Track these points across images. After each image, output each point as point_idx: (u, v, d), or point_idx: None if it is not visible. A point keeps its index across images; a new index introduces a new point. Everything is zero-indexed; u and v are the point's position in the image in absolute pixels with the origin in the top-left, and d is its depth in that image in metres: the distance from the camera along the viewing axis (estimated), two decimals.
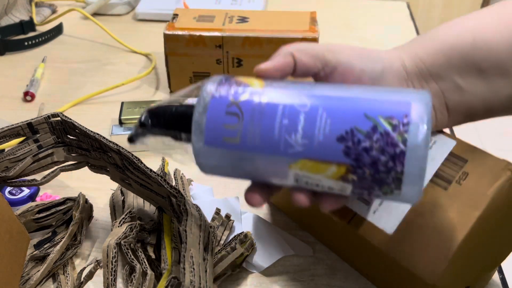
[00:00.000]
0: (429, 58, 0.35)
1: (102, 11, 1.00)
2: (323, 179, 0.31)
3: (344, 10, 1.04)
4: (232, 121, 0.32)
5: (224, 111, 0.32)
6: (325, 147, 0.30)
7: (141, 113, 0.37)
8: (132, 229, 0.45)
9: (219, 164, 0.34)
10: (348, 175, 0.30)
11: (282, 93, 0.32)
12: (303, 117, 0.31)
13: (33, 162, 0.49)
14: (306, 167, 0.31)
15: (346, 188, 0.31)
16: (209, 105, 0.33)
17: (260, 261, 0.48)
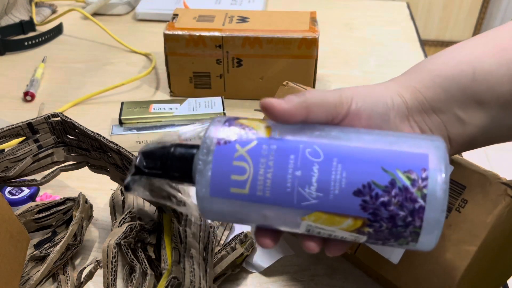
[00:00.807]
0: (429, 92, 0.34)
1: (102, 11, 1.00)
2: (338, 231, 0.30)
3: (344, 10, 1.04)
4: (240, 172, 0.30)
5: (231, 161, 0.30)
6: (341, 200, 0.29)
7: (134, 157, 0.35)
8: (132, 229, 0.45)
9: (225, 213, 0.32)
10: (364, 228, 0.30)
11: (292, 140, 0.30)
12: (317, 168, 0.29)
13: (33, 162, 0.49)
14: (320, 219, 0.30)
15: (360, 239, 0.31)
16: (214, 153, 0.31)
17: (260, 261, 0.48)
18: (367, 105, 0.33)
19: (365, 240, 0.31)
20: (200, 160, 0.31)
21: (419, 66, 0.37)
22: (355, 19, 1.00)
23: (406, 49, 0.90)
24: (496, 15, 2.33)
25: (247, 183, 0.30)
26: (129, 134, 0.63)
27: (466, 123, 0.35)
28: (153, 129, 0.63)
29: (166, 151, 0.33)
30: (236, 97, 0.74)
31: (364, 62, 0.85)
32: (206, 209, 0.32)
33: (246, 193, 0.30)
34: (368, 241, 0.31)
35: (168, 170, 0.33)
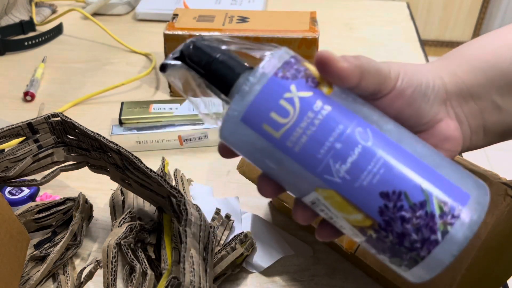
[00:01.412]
0: (469, 78, 0.34)
1: (102, 11, 1.00)
2: (342, 219, 0.29)
3: (344, 10, 1.04)
4: (282, 113, 0.28)
5: (279, 98, 0.28)
6: (364, 193, 0.27)
7: (185, 42, 0.31)
8: (132, 229, 0.45)
9: (243, 144, 0.29)
10: (369, 230, 0.28)
11: (349, 111, 0.28)
12: (358, 151, 0.27)
13: (33, 162, 0.49)
14: (332, 199, 0.28)
15: (357, 237, 0.29)
16: (266, 82, 0.28)
17: (260, 261, 0.48)
18: (411, 83, 0.32)
19: (361, 240, 0.29)
20: (248, 81, 0.28)
21: (457, 52, 0.36)
22: (355, 19, 1.00)
23: (406, 49, 0.90)
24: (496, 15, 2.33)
25: (283, 128, 0.28)
26: (129, 134, 0.63)
27: (504, 111, 0.34)
28: (153, 129, 0.63)
29: (217, 53, 0.30)
30: None
31: None
32: (227, 130, 0.29)
33: (277, 137, 0.28)
34: (364, 243, 0.29)
35: (210, 73, 0.30)
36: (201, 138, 0.64)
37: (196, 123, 0.64)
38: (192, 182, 0.58)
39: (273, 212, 0.55)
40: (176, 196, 0.42)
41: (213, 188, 0.58)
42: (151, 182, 0.45)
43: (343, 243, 0.43)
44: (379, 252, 0.29)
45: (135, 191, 0.49)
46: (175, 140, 0.64)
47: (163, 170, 0.57)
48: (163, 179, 0.43)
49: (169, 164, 0.60)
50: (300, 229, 0.52)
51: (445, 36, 2.47)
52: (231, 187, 0.58)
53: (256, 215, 0.53)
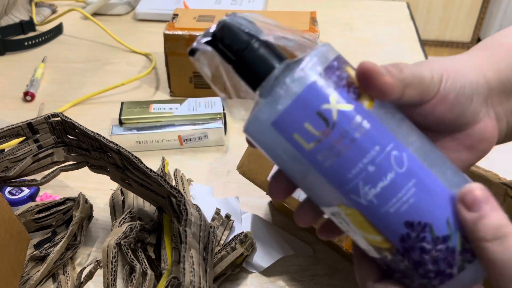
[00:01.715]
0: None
1: (102, 11, 1.00)
2: (360, 236, 0.28)
3: (344, 10, 1.04)
4: (316, 126, 0.26)
5: (316, 109, 0.26)
6: (389, 220, 0.26)
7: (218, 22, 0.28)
8: (132, 229, 0.45)
9: (269, 146, 0.27)
10: (385, 252, 0.27)
11: (387, 132, 0.27)
12: (391, 177, 0.26)
13: (33, 162, 0.49)
14: (354, 218, 0.27)
15: (371, 252, 0.29)
16: (304, 87, 0.26)
17: (260, 261, 0.48)
18: (455, 86, 0.30)
19: (375, 257, 0.29)
20: (284, 84, 0.26)
21: (497, 41, 0.34)
22: (355, 19, 1.00)
23: (406, 49, 0.90)
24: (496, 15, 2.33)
25: (316, 141, 0.26)
26: (129, 134, 0.63)
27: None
28: (153, 129, 0.63)
29: (251, 40, 0.27)
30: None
31: None
32: (254, 129, 0.27)
33: (307, 149, 0.26)
34: (377, 260, 0.29)
35: (241, 62, 0.27)
36: (201, 138, 0.64)
37: (196, 123, 0.64)
38: (192, 182, 0.58)
39: (273, 212, 0.55)
40: (176, 196, 0.42)
41: (213, 188, 0.58)
42: (151, 182, 0.45)
43: (343, 243, 0.43)
44: (389, 270, 0.29)
45: (135, 191, 0.49)
46: (175, 140, 0.64)
47: (163, 170, 0.57)
48: (163, 179, 0.43)
49: (169, 164, 0.60)
50: (300, 229, 0.52)
51: (445, 36, 2.47)
52: (231, 187, 0.58)
53: (256, 215, 0.53)
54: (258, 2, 0.98)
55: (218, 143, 0.65)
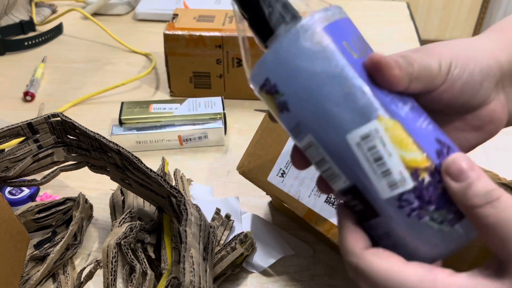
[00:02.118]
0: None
1: (102, 11, 1.00)
2: (395, 157, 0.27)
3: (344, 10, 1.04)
4: (353, 47, 0.28)
5: (355, 35, 0.29)
6: (424, 134, 0.27)
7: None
8: (132, 229, 0.45)
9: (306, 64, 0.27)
10: (423, 172, 0.27)
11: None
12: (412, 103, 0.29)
13: (33, 162, 0.49)
14: (394, 132, 0.27)
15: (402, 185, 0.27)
16: (345, 17, 0.29)
17: (260, 261, 0.48)
18: (463, 73, 0.30)
19: (408, 189, 0.27)
20: (329, 8, 0.29)
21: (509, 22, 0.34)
22: (355, 19, 1.00)
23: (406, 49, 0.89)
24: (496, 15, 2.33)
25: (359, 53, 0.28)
26: (129, 134, 0.63)
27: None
28: (153, 129, 0.63)
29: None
30: (236, 97, 0.74)
31: None
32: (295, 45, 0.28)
33: (355, 58, 0.28)
34: (407, 195, 0.27)
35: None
36: (201, 138, 0.64)
37: (196, 123, 0.64)
38: (192, 182, 0.58)
39: (273, 212, 0.55)
40: (176, 196, 0.42)
41: (213, 188, 0.58)
42: (151, 182, 0.45)
43: None
44: (422, 206, 0.27)
45: (135, 191, 0.49)
46: (175, 140, 0.64)
47: (163, 170, 0.57)
48: (163, 179, 0.43)
49: (169, 164, 0.60)
50: (300, 229, 0.52)
51: (445, 36, 2.47)
52: (231, 187, 0.58)
53: (256, 215, 0.53)
54: None
55: (218, 143, 0.65)
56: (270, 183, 0.47)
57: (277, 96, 0.28)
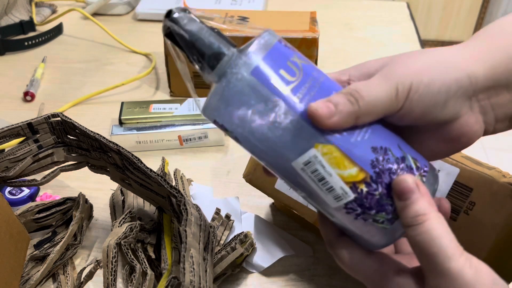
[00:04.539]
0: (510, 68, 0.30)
1: (102, 11, 1.00)
2: (335, 177, 0.30)
3: (344, 10, 1.04)
4: (290, 73, 0.30)
5: (286, 60, 0.30)
6: (359, 148, 0.30)
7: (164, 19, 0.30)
8: (132, 229, 0.45)
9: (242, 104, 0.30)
10: (360, 184, 0.30)
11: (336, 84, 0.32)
12: None
13: (33, 162, 0.49)
14: (330, 155, 0.30)
15: (346, 197, 0.30)
16: (274, 46, 0.30)
17: (260, 261, 0.48)
18: (425, 96, 0.30)
19: (350, 199, 0.30)
20: (258, 42, 0.30)
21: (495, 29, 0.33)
22: (355, 19, 1.00)
23: (406, 49, 0.90)
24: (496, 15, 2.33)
25: (292, 84, 0.30)
26: (129, 134, 0.63)
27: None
28: (153, 129, 0.63)
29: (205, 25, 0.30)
30: None
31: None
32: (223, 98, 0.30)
33: (285, 93, 0.29)
34: (351, 204, 0.30)
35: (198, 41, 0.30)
36: (201, 138, 0.64)
37: (196, 123, 0.64)
38: (192, 182, 0.58)
39: (273, 212, 0.55)
40: (176, 196, 0.42)
41: (213, 188, 0.58)
42: (151, 182, 0.45)
43: None
44: (364, 212, 0.31)
45: (135, 191, 0.49)
46: (175, 140, 0.64)
47: (163, 170, 0.57)
48: (163, 179, 0.43)
49: (169, 164, 0.60)
50: (300, 229, 0.52)
51: (445, 36, 2.47)
52: (231, 187, 0.58)
53: (256, 215, 0.53)
54: (258, 2, 0.98)
55: (218, 143, 0.65)
56: (278, 191, 0.47)
57: (228, 133, 0.31)
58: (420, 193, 0.29)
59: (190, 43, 0.30)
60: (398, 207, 0.30)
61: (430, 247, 0.28)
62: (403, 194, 0.29)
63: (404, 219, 0.29)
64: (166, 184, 0.42)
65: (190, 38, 0.30)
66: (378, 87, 0.29)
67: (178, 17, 0.30)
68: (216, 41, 0.30)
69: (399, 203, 0.29)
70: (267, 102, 0.30)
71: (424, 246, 0.28)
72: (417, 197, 0.29)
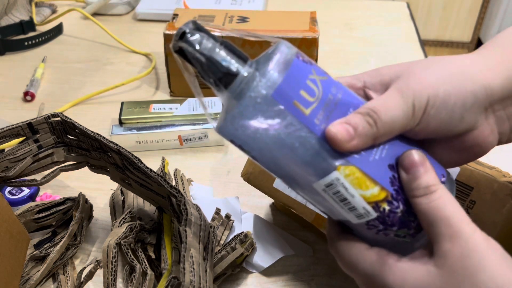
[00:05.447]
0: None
1: (102, 11, 1.00)
2: (357, 197, 0.30)
3: (344, 10, 1.04)
4: (310, 93, 0.29)
5: (306, 78, 0.29)
6: (378, 166, 0.30)
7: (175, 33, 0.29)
8: (132, 229, 0.45)
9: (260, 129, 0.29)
10: (382, 203, 0.30)
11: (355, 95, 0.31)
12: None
13: (33, 162, 0.49)
14: (352, 176, 0.29)
15: (368, 216, 0.30)
16: (293, 62, 0.29)
17: (260, 261, 0.48)
18: (442, 111, 0.30)
19: (372, 218, 0.30)
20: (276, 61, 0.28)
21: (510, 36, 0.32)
22: (355, 19, 1.00)
23: (406, 49, 0.90)
24: (496, 15, 2.33)
25: (311, 106, 0.28)
26: (129, 134, 0.63)
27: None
28: (153, 129, 0.63)
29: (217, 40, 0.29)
30: None
31: (364, 62, 0.85)
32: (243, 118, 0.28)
33: (306, 115, 0.28)
34: (373, 222, 0.30)
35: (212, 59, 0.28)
36: (201, 138, 0.64)
37: (196, 123, 0.64)
38: (192, 182, 0.58)
39: (273, 212, 0.55)
40: (176, 196, 0.42)
41: (213, 188, 0.58)
42: (151, 182, 0.45)
43: None
44: (386, 229, 0.30)
45: (135, 191, 0.49)
46: (175, 140, 0.64)
47: (163, 170, 0.57)
48: (163, 179, 0.43)
49: (169, 164, 0.60)
50: (300, 229, 0.52)
51: (445, 36, 2.47)
52: (231, 187, 0.58)
53: (256, 215, 0.53)
54: (258, 2, 0.98)
55: (218, 143, 0.65)
56: (276, 190, 0.47)
57: (246, 152, 0.30)
58: (427, 166, 0.30)
59: (205, 65, 0.28)
60: (406, 179, 0.30)
61: (443, 211, 0.28)
62: (411, 168, 0.29)
63: (415, 190, 0.29)
64: (166, 184, 0.42)
65: (205, 60, 0.28)
66: (395, 105, 0.29)
67: (193, 40, 0.28)
68: (230, 60, 0.29)
69: (407, 176, 0.29)
70: (287, 126, 0.28)
71: (437, 211, 0.28)
72: (426, 169, 0.29)
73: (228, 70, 0.28)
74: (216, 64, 0.28)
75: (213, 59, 0.28)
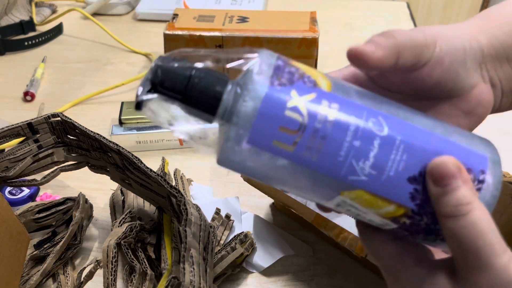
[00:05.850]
0: (507, 38, 0.32)
1: (102, 11, 1.00)
2: (371, 214, 0.27)
3: (344, 10, 1.04)
4: (291, 125, 0.25)
5: (284, 110, 0.25)
6: (393, 184, 0.26)
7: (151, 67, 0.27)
8: (132, 229, 0.45)
9: (252, 167, 0.27)
10: (402, 218, 0.27)
11: (355, 103, 0.27)
12: (378, 143, 0.26)
13: (33, 162, 0.49)
14: (360, 199, 0.27)
15: (388, 226, 0.28)
16: (265, 94, 0.25)
17: (260, 261, 0.48)
18: (449, 49, 0.30)
19: (393, 228, 0.28)
20: (244, 98, 0.25)
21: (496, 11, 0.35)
22: (355, 19, 1.00)
23: None
24: None
25: (296, 139, 0.25)
26: (129, 134, 0.63)
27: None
28: (153, 129, 0.63)
29: (190, 71, 0.26)
30: None
31: None
32: (231, 157, 0.26)
33: (291, 151, 0.25)
34: (395, 229, 0.28)
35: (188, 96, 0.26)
36: (201, 138, 0.64)
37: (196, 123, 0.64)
38: (192, 182, 0.58)
39: (273, 212, 0.55)
40: (176, 196, 0.42)
41: (213, 188, 0.58)
42: (151, 182, 0.45)
43: (354, 248, 0.43)
44: (412, 235, 0.28)
45: (135, 191, 0.49)
46: (175, 140, 0.64)
47: (163, 170, 0.57)
48: (163, 179, 0.43)
49: (169, 164, 0.60)
50: (300, 229, 0.52)
51: None
52: (231, 187, 0.58)
53: (256, 215, 0.53)
54: (258, 2, 0.98)
55: None
56: (276, 190, 0.47)
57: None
58: (463, 178, 0.26)
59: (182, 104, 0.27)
60: (434, 193, 0.26)
61: (474, 241, 0.25)
62: (442, 180, 0.25)
63: (443, 208, 0.25)
64: (166, 184, 0.42)
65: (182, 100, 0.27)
66: (407, 31, 0.30)
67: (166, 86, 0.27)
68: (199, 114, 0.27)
69: (436, 189, 0.26)
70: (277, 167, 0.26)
71: (467, 240, 0.25)
72: (459, 184, 0.25)
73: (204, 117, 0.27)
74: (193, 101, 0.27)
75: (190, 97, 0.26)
